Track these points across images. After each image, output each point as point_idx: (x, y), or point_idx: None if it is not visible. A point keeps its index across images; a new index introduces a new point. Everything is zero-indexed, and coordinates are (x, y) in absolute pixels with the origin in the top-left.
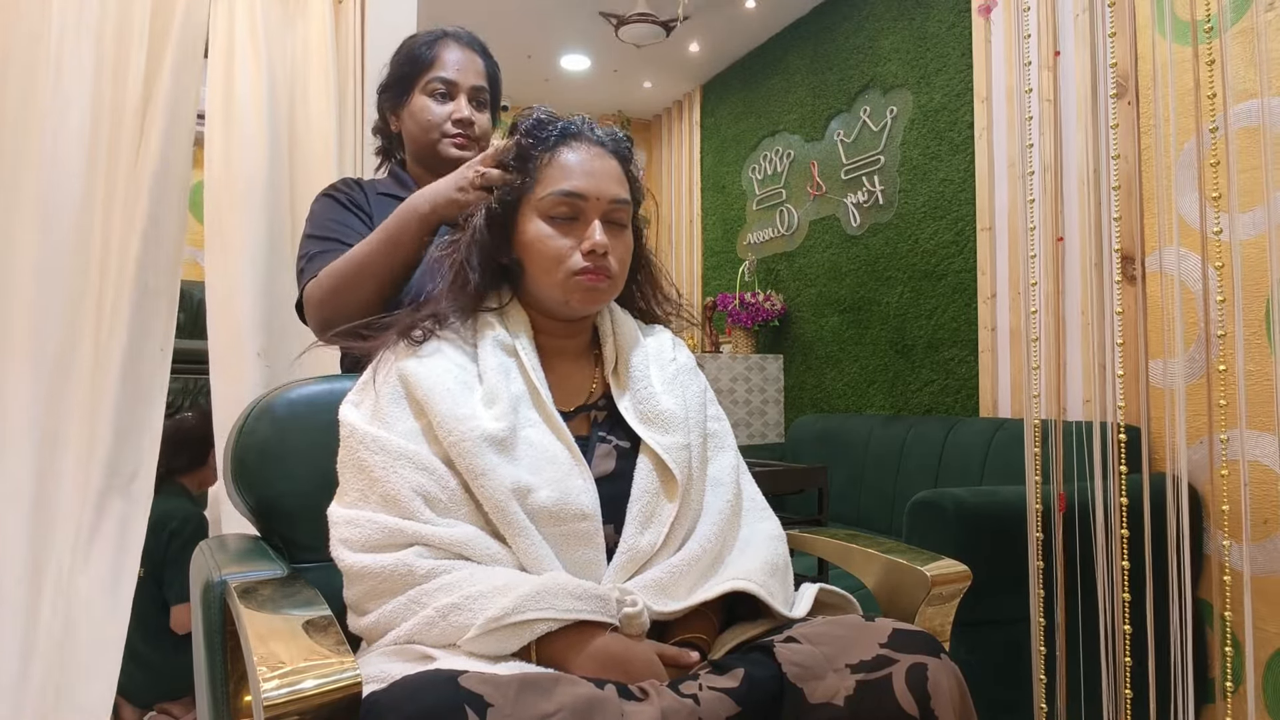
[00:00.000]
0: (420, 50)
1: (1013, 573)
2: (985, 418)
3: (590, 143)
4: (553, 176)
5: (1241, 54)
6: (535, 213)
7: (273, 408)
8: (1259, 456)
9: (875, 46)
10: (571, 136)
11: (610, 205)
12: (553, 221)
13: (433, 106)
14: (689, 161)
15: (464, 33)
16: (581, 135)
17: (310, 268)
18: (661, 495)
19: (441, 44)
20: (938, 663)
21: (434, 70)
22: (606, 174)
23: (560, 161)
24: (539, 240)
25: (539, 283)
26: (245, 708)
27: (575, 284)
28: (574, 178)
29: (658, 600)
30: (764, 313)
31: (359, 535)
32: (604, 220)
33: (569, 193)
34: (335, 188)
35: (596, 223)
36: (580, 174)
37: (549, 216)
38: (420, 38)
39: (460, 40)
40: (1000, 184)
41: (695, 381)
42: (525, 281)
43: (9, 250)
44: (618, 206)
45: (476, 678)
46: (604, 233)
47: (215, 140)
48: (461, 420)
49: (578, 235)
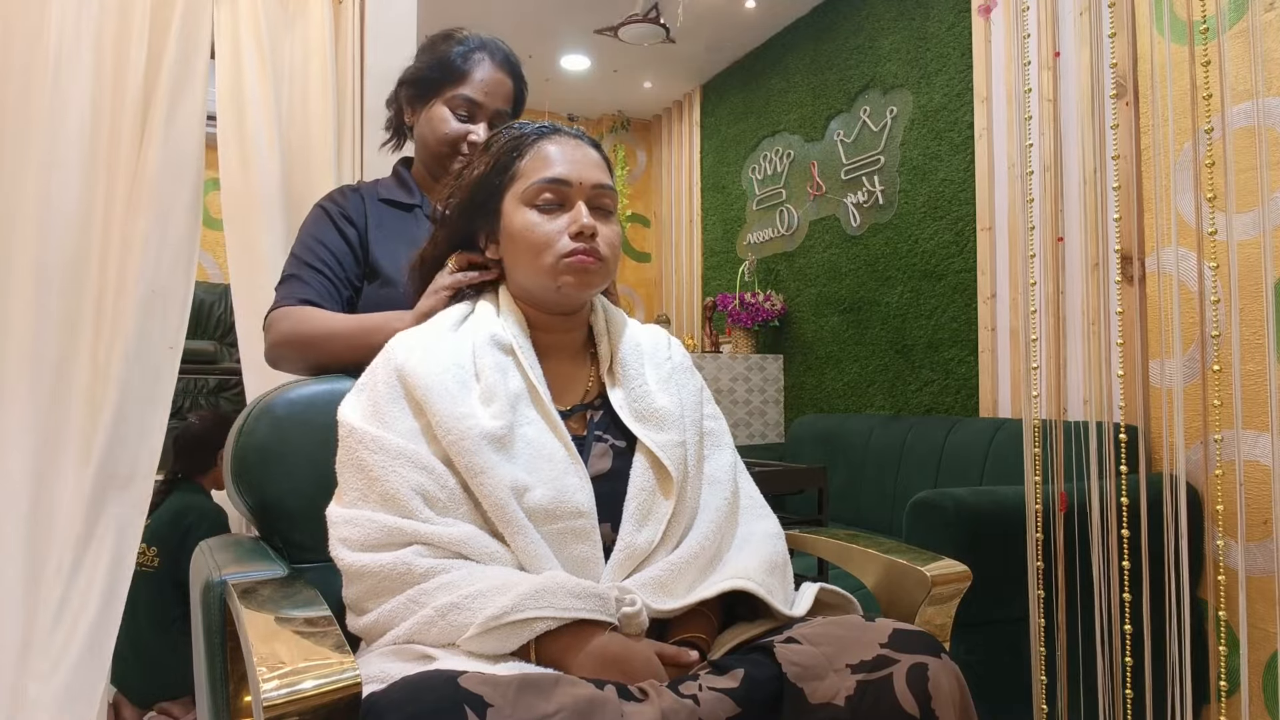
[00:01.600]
0: (454, 60)
1: (1013, 573)
2: (985, 418)
3: (566, 135)
4: (534, 168)
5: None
6: (520, 203)
7: (273, 408)
8: (1258, 456)
9: (875, 46)
10: (548, 133)
11: (594, 190)
12: (539, 209)
13: (452, 122)
14: (689, 161)
15: (501, 49)
16: (558, 130)
17: (282, 290)
18: (658, 493)
19: (477, 59)
20: (938, 663)
21: (461, 87)
22: (587, 161)
23: (541, 153)
24: (526, 229)
25: (529, 272)
26: (245, 708)
27: (566, 266)
28: (557, 165)
29: (656, 598)
30: (764, 313)
31: (358, 534)
32: (589, 205)
33: (553, 179)
34: (331, 198)
35: (581, 205)
36: (562, 161)
37: (534, 205)
38: (456, 44)
39: (495, 58)
40: (1000, 184)
41: (691, 380)
42: (516, 275)
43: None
44: (602, 192)
45: (476, 678)
46: (590, 216)
47: (229, 144)
48: (460, 419)
49: (565, 219)
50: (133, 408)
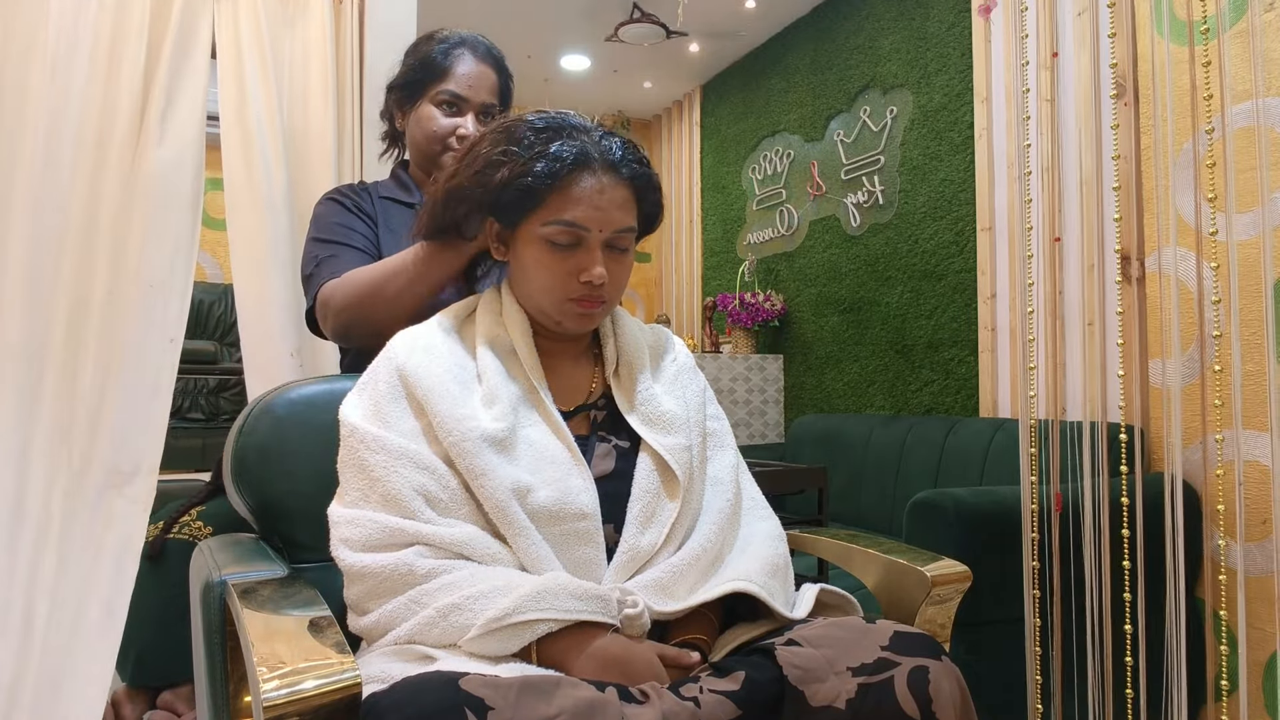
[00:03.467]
0: (435, 57)
1: (1013, 573)
2: (985, 418)
3: (601, 170)
4: (558, 205)
5: (1241, 54)
6: (538, 234)
7: (273, 408)
8: (1258, 457)
9: (875, 46)
10: (583, 165)
11: (614, 235)
12: (554, 247)
13: (439, 118)
14: (689, 161)
15: (482, 43)
16: (592, 165)
17: (319, 272)
18: (663, 495)
19: (457, 54)
20: (939, 665)
21: (445, 82)
22: (614, 204)
23: (569, 191)
24: (538, 265)
25: (534, 299)
26: (245, 708)
27: (569, 309)
28: (579, 208)
29: (658, 600)
30: (764, 313)
31: (359, 535)
32: (606, 245)
33: (572, 223)
34: (340, 191)
35: (597, 252)
36: (587, 205)
37: (550, 241)
38: (437, 43)
39: (477, 52)
40: (1000, 184)
41: (695, 381)
42: (521, 287)
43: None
44: (621, 235)
45: (477, 680)
46: (605, 260)
47: (232, 143)
48: (461, 420)
49: (578, 262)
50: (134, 403)
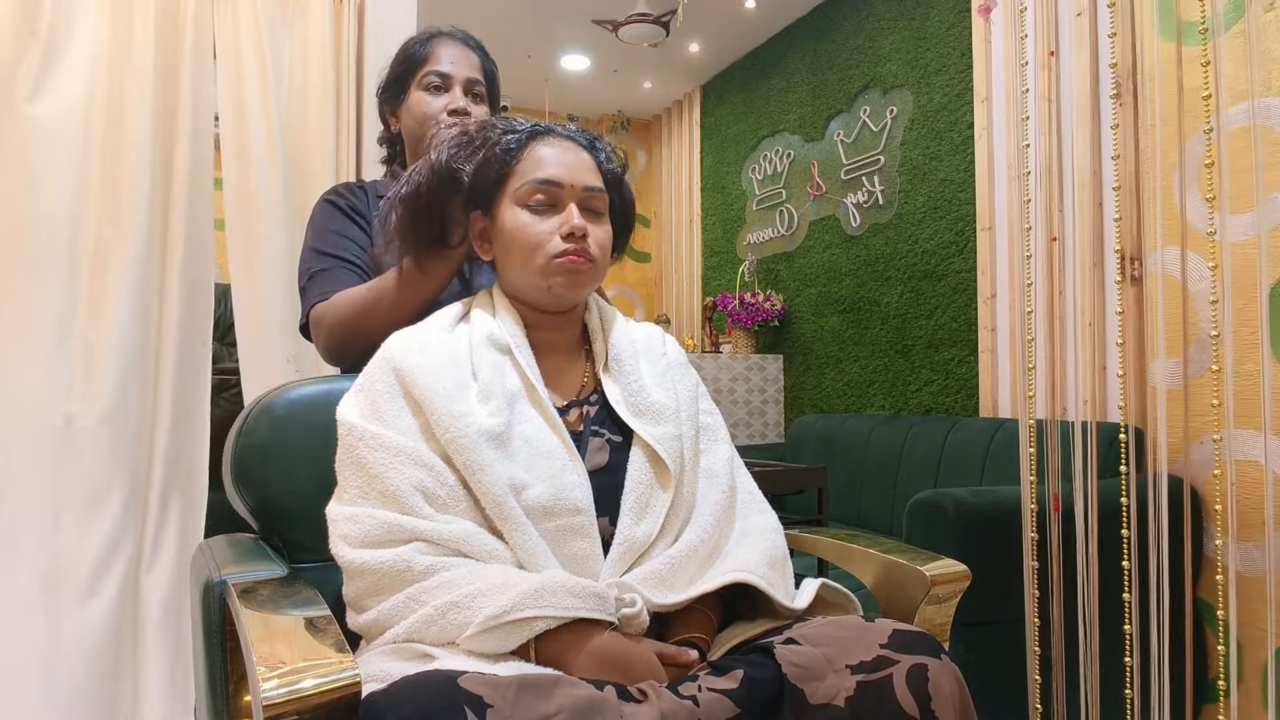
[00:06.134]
0: (415, 48)
1: (1013, 572)
2: (985, 418)
3: (560, 137)
4: (527, 169)
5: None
6: (512, 203)
7: (272, 408)
8: (1257, 457)
9: (875, 46)
10: (542, 133)
11: (586, 193)
12: (530, 209)
13: (428, 99)
14: (689, 161)
15: (459, 31)
16: (552, 132)
17: (313, 286)
18: (655, 485)
19: (435, 41)
20: (938, 663)
21: (428, 65)
22: (580, 164)
23: (534, 155)
24: (518, 228)
25: (521, 271)
26: (245, 708)
27: (556, 267)
28: (549, 167)
29: (657, 592)
30: (764, 313)
31: (358, 531)
32: (581, 207)
33: (545, 180)
34: (336, 192)
35: (573, 206)
36: (555, 164)
37: (526, 205)
38: (415, 37)
39: (455, 37)
40: (1000, 184)
41: (686, 376)
42: (509, 275)
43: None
44: (593, 194)
45: (476, 678)
46: (581, 218)
47: (230, 144)
48: (458, 417)
49: (557, 220)
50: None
